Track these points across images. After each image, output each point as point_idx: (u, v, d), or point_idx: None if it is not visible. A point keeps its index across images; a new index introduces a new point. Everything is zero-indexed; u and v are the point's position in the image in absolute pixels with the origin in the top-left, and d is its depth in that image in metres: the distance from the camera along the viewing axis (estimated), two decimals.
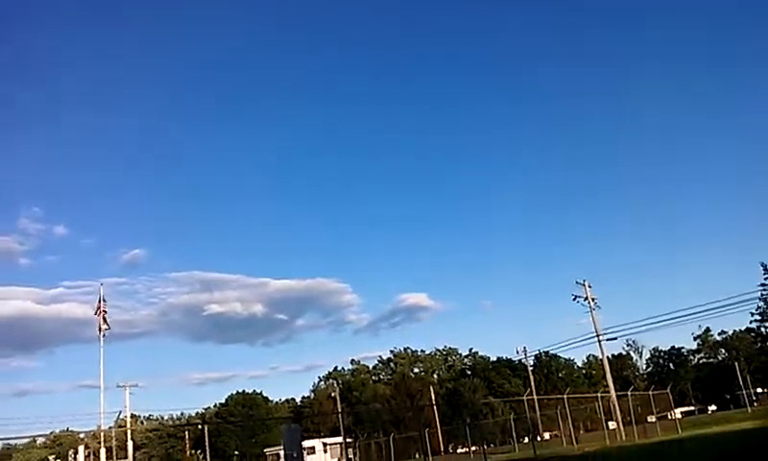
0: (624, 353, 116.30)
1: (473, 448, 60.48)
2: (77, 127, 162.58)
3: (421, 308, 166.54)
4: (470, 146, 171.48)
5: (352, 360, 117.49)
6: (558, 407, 49.07)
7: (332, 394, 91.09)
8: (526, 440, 62.52)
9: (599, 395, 48.07)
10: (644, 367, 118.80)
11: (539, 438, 59.12)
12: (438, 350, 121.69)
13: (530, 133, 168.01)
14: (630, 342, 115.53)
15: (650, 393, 49.72)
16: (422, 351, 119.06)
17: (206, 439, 58.78)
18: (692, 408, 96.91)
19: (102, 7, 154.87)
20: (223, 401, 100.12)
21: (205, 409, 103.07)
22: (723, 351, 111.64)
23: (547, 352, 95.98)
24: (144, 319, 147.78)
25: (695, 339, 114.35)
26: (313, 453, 62.23)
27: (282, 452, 41.46)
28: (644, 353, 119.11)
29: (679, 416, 60.47)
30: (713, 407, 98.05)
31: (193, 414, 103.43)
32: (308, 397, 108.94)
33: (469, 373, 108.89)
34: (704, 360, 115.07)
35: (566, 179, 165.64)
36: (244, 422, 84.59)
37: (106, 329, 38.72)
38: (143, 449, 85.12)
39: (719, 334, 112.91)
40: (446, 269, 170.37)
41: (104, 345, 38.29)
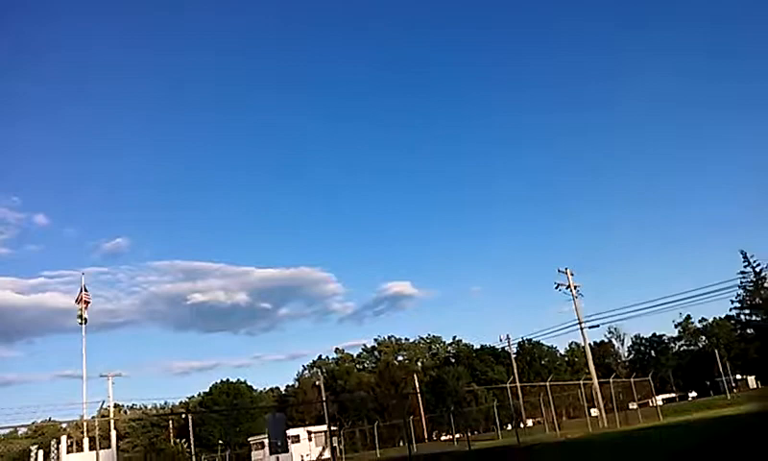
0: (606, 341, 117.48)
1: (457, 435, 60.85)
2: (58, 116, 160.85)
3: (405, 297, 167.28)
4: (456, 136, 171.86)
5: (337, 349, 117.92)
6: (541, 394, 49.48)
7: (317, 382, 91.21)
8: (509, 427, 63.07)
9: (581, 382, 48.48)
10: (626, 354, 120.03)
11: (522, 425, 59.53)
12: (422, 338, 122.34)
13: (516, 122, 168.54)
14: (612, 329, 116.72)
15: (632, 380, 50.22)
16: (406, 339, 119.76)
17: (190, 428, 59.01)
18: (673, 395, 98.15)
19: None
20: (207, 390, 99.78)
21: (189, 398, 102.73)
22: (703, 338, 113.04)
23: (530, 340, 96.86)
24: (126, 308, 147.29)
25: (676, 326, 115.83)
26: (298, 442, 62.22)
27: (267, 441, 41.47)
28: (626, 341, 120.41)
29: (660, 403, 61.23)
30: (694, 394, 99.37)
31: (177, 403, 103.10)
32: (293, 385, 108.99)
33: (453, 360, 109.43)
34: (684, 347, 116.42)
35: (551, 169, 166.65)
36: (228, 410, 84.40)
37: (85, 319, 38.29)
38: (127, 439, 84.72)
39: (699, 322, 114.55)
40: (430, 258, 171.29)
41: (86, 334, 37.96)
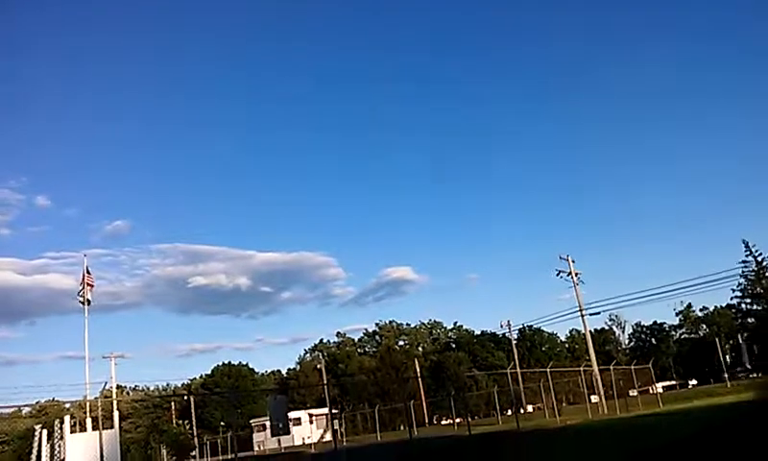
0: (607, 328, 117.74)
1: (458, 419, 61.17)
2: (60, 98, 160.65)
3: (406, 282, 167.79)
4: (456, 121, 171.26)
5: (338, 333, 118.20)
6: (541, 380, 49.68)
7: (318, 366, 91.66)
8: (509, 412, 63.31)
9: (582, 369, 48.61)
10: (627, 342, 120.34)
11: (522, 411, 59.85)
12: (423, 323, 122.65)
13: (516, 108, 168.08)
14: (613, 317, 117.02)
15: (632, 367, 50.37)
16: (407, 324, 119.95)
17: (192, 409, 59.41)
18: (673, 383, 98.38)
19: None
20: (209, 372, 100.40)
21: (191, 380, 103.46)
22: (704, 326, 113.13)
23: (531, 327, 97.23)
24: (129, 290, 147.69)
25: (677, 315, 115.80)
26: (299, 424, 62.79)
27: (268, 423, 41.82)
28: (627, 328, 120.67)
29: (660, 390, 61.46)
30: (694, 382, 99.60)
31: (179, 385, 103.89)
32: (294, 369, 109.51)
33: (454, 346, 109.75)
34: (685, 336, 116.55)
35: (551, 155, 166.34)
36: (230, 392, 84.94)
37: (88, 300, 38.40)
38: (129, 420, 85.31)
39: (701, 310, 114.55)
40: (431, 244, 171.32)
41: (89, 316, 38.11)
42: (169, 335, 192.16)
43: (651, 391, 53.60)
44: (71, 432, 35.22)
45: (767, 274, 71.31)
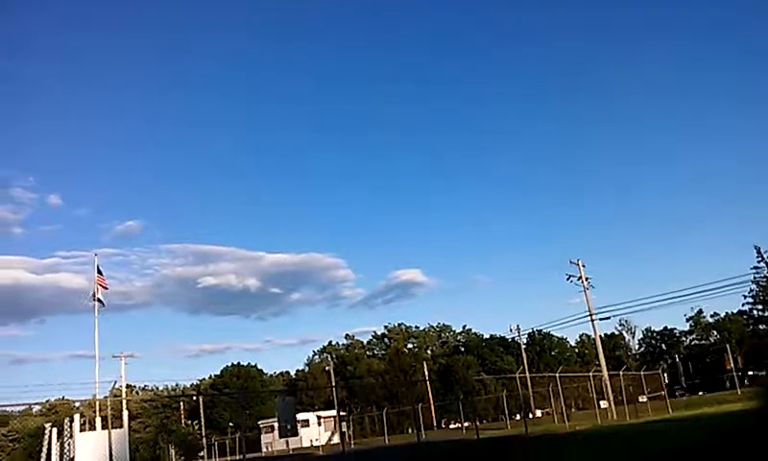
0: (617, 333, 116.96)
1: (466, 423, 61.06)
2: (72, 98, 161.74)
3: (416, 284, 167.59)
4: (463, 121, 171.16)
5: (347, 335, 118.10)
6: (550, 385, 49.50)
7: (326, 368, 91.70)
8: (518, 417, 63.13)
9: (591, 374, 48.40)
10: (637, 347, 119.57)
11: (530, 415, 59.64)
12: (431, 326, 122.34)
13: (517, 107, 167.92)
14: (623, 322, 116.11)
15: (642, 373, 50.13)
16: (416, 326, 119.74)
17: (201, 410, 59.59)
18: (683, 389, 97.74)
19: None
20: (218, 373, 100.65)
21: (200, 380, 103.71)
22: (715, 332, 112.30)
23: (540, 331, 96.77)
24: (139, 290, 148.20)
25: (687, 320, 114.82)
26: (307, 426, 62.78)
27: (277, 424, 41.85)
28: (637, 334, 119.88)
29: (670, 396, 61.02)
30: (704, 388, 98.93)
31: (188, 385, 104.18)
32: (303, 370, 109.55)
33: (463, 349, 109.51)
34: (696, 342, 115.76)
35: (560, 157, 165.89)
36: (238, 393, 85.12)
37: (100, 303, 38.65)
38: (138, 419, 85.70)
39: (711, 316, 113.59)
40: (441, 246, 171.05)
41: (99, 315, 38.34)
42: (179, 335, 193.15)
43: (661, 397, 53.25)
44: (81, 431, 35.46)
45: None
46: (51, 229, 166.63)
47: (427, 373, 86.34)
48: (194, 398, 78.22)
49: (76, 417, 36.55)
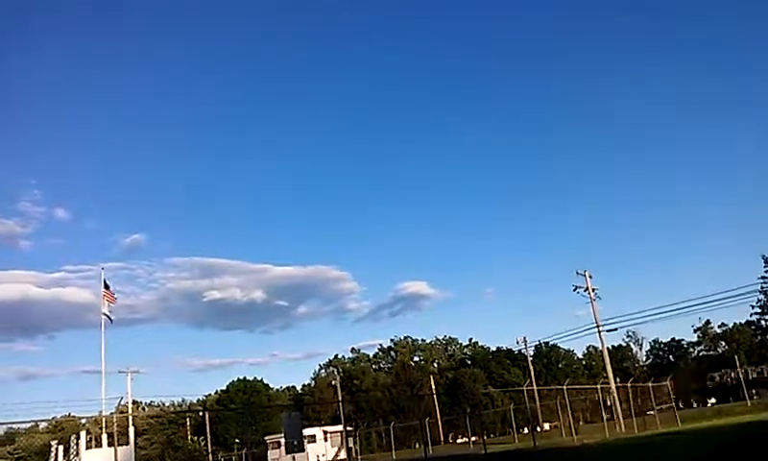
0: (624, 345, 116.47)
1: (473, 438, 60.71)
2: (78, 111, 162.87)
3: (422, 297, 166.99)
4: (469, 133, 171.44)
5: (353, 348, 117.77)
6: (557, 398, 49.22)
7: (333, 382, 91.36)
8: (526, 430, 62.74)
9: (599, 386, 48.11)
10: (644, 358, 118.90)
11: (538, 429, 59.26)
12: (438, 339, 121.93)
13: (528, 120, 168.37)
14: (630, 333, 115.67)
15: (650, 384, 49.80)
16: (423, 339, 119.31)
17: (207, 426, 59.19)
18: (692, 401, 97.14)
19: None
20: (224, 388, 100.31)
21: (206, 396, 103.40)
22: (723, 343, 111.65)
23: (547, 343, 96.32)
24: (145, 304, 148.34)
25: (695, 331, 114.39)
26: (314, 441, 62.37)
27: (283, 440, 41.62)
28: (644, 345, 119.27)
29: (678, 408, 60.58)
30: (713, 400, 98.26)
31: (194, 400, 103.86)
32: (309, 384, 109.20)
33: (469, 362, 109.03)
34: (704, 352, 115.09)
35: (566, 169, 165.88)
36: (244, 409, 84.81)
37: (108, 318, 38.64)
38: (144, 436, 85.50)
39: (719, 327, 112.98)
40: (446, 258, 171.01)
41: (105, 330, 38.33)
42: (184, 350, 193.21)
43: (669, 409, 52.87)
44: (87, 448, 35.34)
45: None
46: (58, 242, 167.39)
47: (434, 386, 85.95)
48: (200, 413, 77.95)
49: (82, 434, 36.44)
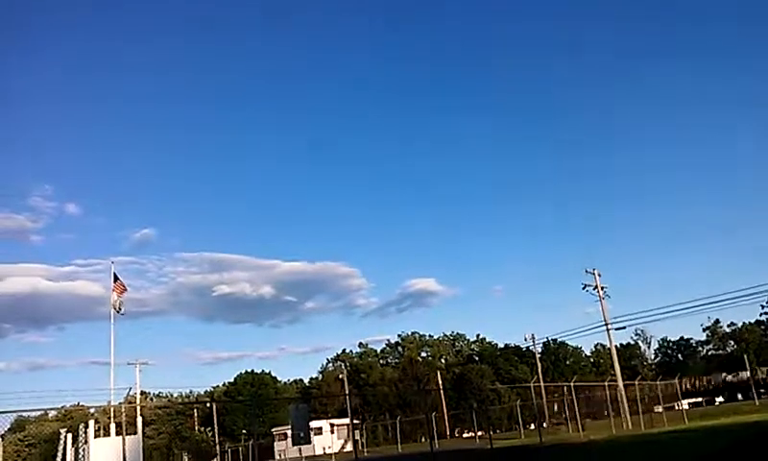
0: (632, 343, 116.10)
1: (479, 433, 60.73)
2: (86, 105, 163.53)
3: (430, 293, 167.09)
4: (477, 130, 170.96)
5: (360, 343, 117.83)
6: (564, 395, 49.16)
7: (340, 376, 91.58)
8: (532, 426, 62.71)
9: (606, 383, 48.00)
10: (653, 357, 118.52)
11: (545, 425, 59.20)
12: (445, 335, 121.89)
13: (537, 119, 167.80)
14: (638, 332, 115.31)
15: (658, 383, 49.67)
16: (430, 335, 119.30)
17: (215, 417, 59.60)
18: (700, 399, 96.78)
19: None
20: (232, 380, 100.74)
21: (214, 388, 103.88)
22: (732, 342, 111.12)
23: (555, 340, 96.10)
24: (154, 298, 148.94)
25: (704, 330, 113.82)
26: (320, 434, 62.73)
27: (290, 431, 41.84)
28: (653, 344, 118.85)
29: (686, 407, 60.43)
30: (721, 399, 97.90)
31: (202, 392, 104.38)
32: (316, 378, 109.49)
33: (477, 358, 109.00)
34: (712, 352, 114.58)
35: (575, 167, 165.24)
36: (252, 401, 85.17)
37: (120, 309, 38.79)
38: (152, 426, 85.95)
39: (728, 326, 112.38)
40: (455, 255, 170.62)
41: (115, 322, 38.50)
42: (193, 343, 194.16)
43: (677, 407, 52.76)
44: (95, 437, 35.55)
45: None
46: (68, 237, 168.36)
47: (441, 381, 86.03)
48: (207, 405, 78.28)
49: (91, 423, 36.63)
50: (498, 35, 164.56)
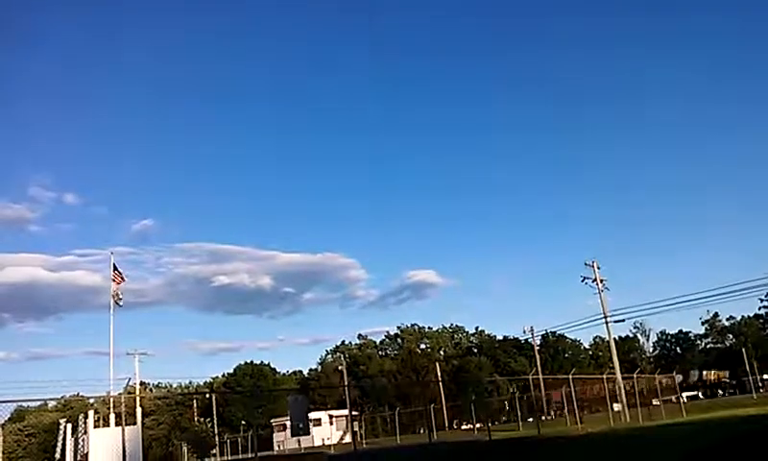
0: (631, 336, 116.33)
1: (478, 425, 60.88)
2: (87, 95, 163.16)
3: (429, 285, 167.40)
4: (477, 123, 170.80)
5: (359, 335, 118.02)
6: (563, 387, 49.24)
7: (339, 367, 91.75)
8: (531, 419, 62.87)
9: (605, 376, 48.09)
10: (651, 350, 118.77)
11: (543, 417, 59.35)
12: (445, 327, 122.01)
13: (538, 111, 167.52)
14: (637, 325, 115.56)
15: (656, 376, 49.76)
16: (429, 327, 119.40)
17: (214, 408, 59.77)
18: (698, 393, 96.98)
19: None
20: (231, 371, 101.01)
21: (213, 378, 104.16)
22: (731, 336, 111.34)
23: (554, 333, 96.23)
24: (153, 289, 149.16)
25: (703, 324, 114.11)
26: (319, 425, 62.91)
27: (289, 423, 41.97)
28: (651, 337, 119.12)
29: (685, 400, 60.56)
30: (720, 392, 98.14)
31: (201, 383, 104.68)
32: (315, 369, 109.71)
33: (476, 350, 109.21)
34: (711, 345, 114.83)
35: (575, 159, 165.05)
36: (251, 391, 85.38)
37: (119, 299, 38.85)
38: (152, 416, 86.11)
39: (727, 320, 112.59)
40: (455, 247, 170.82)
41: (114, 313, 38.58)
42: (192, 333, 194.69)
43: (674, 400, 52.86)
44: (95, 427, 35.71)
45: None
46: (67, 227, 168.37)
47: (440, 373, 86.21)
48: (207, 395, 78.52)
49: (90, 413, 36.80)
50: (490, 27, 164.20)
